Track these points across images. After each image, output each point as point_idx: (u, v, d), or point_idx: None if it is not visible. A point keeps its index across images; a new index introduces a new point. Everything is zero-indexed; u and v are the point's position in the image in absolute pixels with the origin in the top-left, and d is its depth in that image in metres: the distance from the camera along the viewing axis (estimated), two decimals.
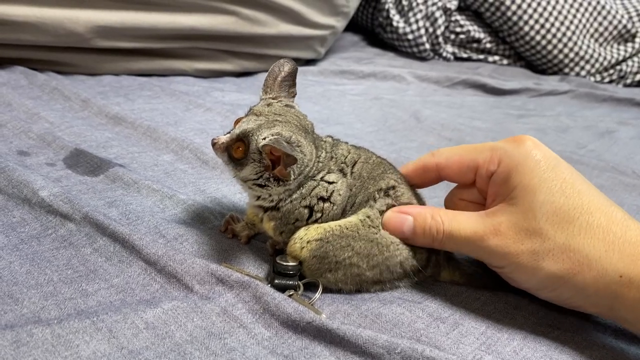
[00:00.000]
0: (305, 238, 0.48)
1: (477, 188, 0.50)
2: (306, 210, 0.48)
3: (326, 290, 0.48)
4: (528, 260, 0.44)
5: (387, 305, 0.47)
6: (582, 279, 0.42)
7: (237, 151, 0.48)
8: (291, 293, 0.46)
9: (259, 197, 0.50)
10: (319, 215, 0.48)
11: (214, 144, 0.49)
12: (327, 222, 0.48)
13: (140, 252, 0.49)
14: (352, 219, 0.48)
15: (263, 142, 0.46)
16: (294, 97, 0.53)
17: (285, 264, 0.47)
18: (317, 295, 0.47)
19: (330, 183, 0.48)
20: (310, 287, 0.48)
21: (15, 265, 0.47)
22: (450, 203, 0.53)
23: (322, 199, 0.48)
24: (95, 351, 0.38)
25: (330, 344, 0.41)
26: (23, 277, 0.46)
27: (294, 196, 0.48)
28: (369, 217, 0.48)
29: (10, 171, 0.59)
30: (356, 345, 0.41)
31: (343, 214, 0.49)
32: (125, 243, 0.50)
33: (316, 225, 0.48)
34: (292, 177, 0.47)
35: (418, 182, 0.53)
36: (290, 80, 0.52)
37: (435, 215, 0.48)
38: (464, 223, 0.47)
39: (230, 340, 0.41)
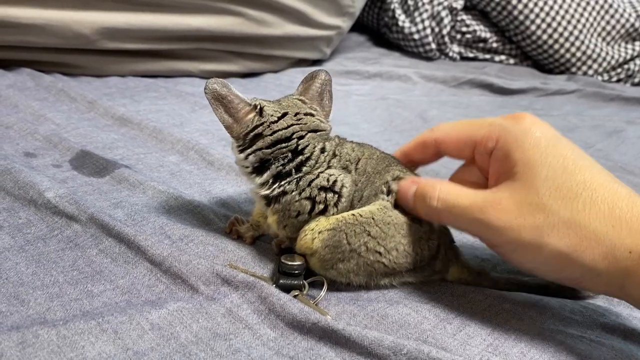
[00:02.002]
0: (317, 229, 0.47)
1: (478, 166, 0.49)
2: (308, 202, 0.48)
3: (332, 288, 0.48)
4: (531, 237, 0.42)
5: (394, 306, 0.47)
6: (591, 256, 0.41)
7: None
8: (296, 293, 0.46)
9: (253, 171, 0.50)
10: (322, 207, 0.48)
11: None
12: (335, 215, 0.48)
13: (146, 253, 0.49)
14: (366, 208, 0.48)
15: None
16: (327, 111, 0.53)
17: (290, 263, 0.47)
18: (322, 293, 0.47)
19: (330, 175, 0.48)
20: (316, 286, 0.48)
21: (21, 267, 0.47)
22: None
23: (324, 189, 0.48)
24: (101, 352, 0.38)
25: (336, 345, 0.41)
26: (29, 278, 0.46)
27: (288, 187, 0.48)
28: (384, 206, 0.48)
29: (16, 172, 0.59)
30: (362, 346, 0.40)
31: (351, 207, 0.49)
32: (131, 244, 0.50)
33: (327, 217, 0.48)
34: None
35: (418, 158, 0.52)
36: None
37: (436, 184, 0.47)
38: (463, 194, 0.46)
39: (236, 341, 0.41)
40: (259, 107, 0.49)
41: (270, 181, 0.49)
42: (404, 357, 0.40)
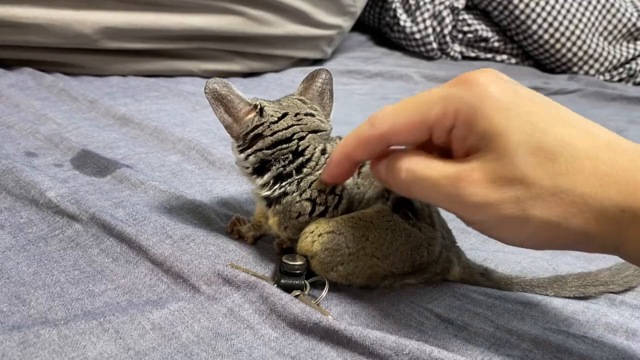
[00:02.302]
0: (317, 231, 0.47)
1: (439, 146, 0.42)
2: (308, 204, 0.48)
3: (334, 287, 0.48)
4: (513, 211, 0.37)
5: (395, 305, 0.47)
6: (582, 221, 0.37)
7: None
8: (298, 293, 0.46)
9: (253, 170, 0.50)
10: (322, 208, 0.48)
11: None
12: (334, 217, 0.48)
13: (147, 253, 0.49)
14: (367, 211, 0.47)
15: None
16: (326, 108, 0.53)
17: (291, 263, 0.47)
18: (323, 294, 0.47)
19: None
20: (317, 286, 0.48)
21: (22, 266, 0.47)
22: None
23: (324, 191, 0.48)
24: (102, 352, 0.38)
25: (338, 345, 0.41)
26: (30, 277, 0.46)
27: (289, 188, 0.48)
28: (384, 210, 0.48)
29: (17, 172, 0.59)
30: (364, 346, 0.40)
31: (351, 208, 0.49)
32: (132, 244, 0.50)
33: (327, 219, 0.48)
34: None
35: (364, 158, 0.44)
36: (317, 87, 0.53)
37: (404, 153, 0.42)
38: (434, 165, 0.40)
39: (237, 341, 0.41)
40: (259, 107, 0.49)
41: (271, 182, 0.49)
42: (405, 357, 0.39)
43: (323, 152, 0.49)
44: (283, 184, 0.48)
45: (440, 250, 0.49)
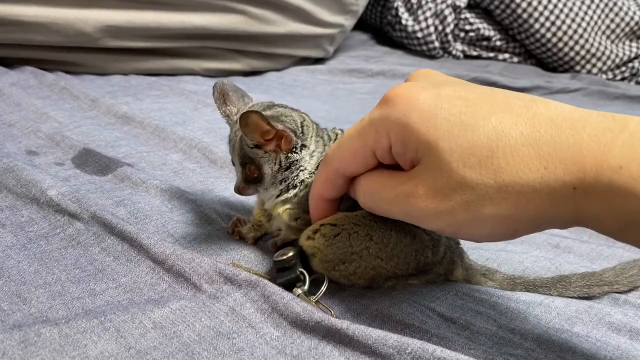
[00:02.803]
0: (319, 222, 0.47)
1: (391, 165, 0.43)
2: None
3: (335, 287, 0.47)
4: (465, 214, 0.37)
5: (398, 304, 0.47)
6: (534, 208, 0.36)
7: (251, 172, 0.48)
8: (299, 292, 0.45)
9: (287, 187, 0.49)
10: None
11: (239, 192, 0.50)
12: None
13: (148, 251, 0.48)
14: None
15: (245, 126, 0.45)
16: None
17: (280, 259, 0.46)
18: (323, 289, 0.46)
19: None
20: (318, 284, 0.48)
21: (23, 265, 0.47)
22: None
23: None
24: (103, 351, 0.38)
25: (340, 344, 0.41)
26: (31, 276, 0.46)
27: (309, 179, 0.48)
28: None
29: (19, 170, 0.59)
30: (366, 345, 0.40)
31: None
32: (133, 242, 0.49)
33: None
34: (296, 134, 0.47)
35: (334, 195, 0.46)
36: (239, 92, 0.53)
37: (361, 178, 0.43)
38: (385, 185, 0.41)
39: (239, 340, 0.41)
40: (299, 145, 0.48)
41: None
42: (408, 356, 0.39)
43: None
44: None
45: (444, 251, 0.49)
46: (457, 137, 0.37)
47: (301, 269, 0.47)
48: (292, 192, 0.48)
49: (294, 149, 0.47)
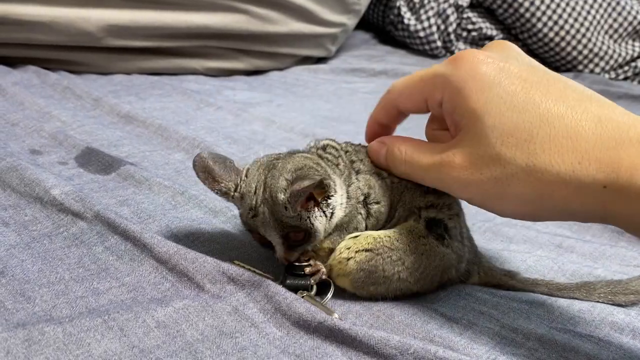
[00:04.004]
0: (354, 247, 0.45)
1: (438, 117, 0.46)
2: (360, 216, 0.47)
3: (338, 288, 0.47)
4: (493, 189, 0.40)
5: (400, 305, 0.47)
6: (560, 198, 0.38)
7: (297, 237, 0.45)
8: (304, 294, 0.46)
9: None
10: (372, 220, 0.48)
11: (286, 262, 0.47)
12: (374, 226, 0.48)
13: (152, 251, 0.48)
14: (401, 231, 0.47)
15: (284, 198, 0.43)
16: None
17: (298, 264, 0.47)
18: (329, 295, 0.46)
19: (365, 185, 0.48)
20: (322, 287, 0.48)
21: (27, 264, 0.47)
22: (428, 136, 0.49)
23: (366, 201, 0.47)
24: (107, 350, 0.38)
25: (342, 344, 0.41)
26: (35, 275, 0.46)
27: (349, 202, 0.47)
28: (416, 228, 0.47)
29: (22, 170, 0.59)
30: (368, 345, 0.40)
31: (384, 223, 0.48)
32: (137, 241, 0.50)
33: (364, 234, 0.46)
34: (331, 187, 0.45)
35: (386, 122, 0.50)
36: (220, 161, 0.47)
37: (400, 146, 0.46)
38: (423, 152, 0.44)
39: (242, 340, 0.41)
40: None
41: None
42: (410, 356, 0.39)
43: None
44: None
45: (465, 264, 0.50)
46: (503, 116, 0.39)
47: (312, 280, 0.46)
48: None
49: (330, 194, 0.45)
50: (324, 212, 0.45)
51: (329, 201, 0.45)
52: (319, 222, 0.45)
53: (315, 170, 0.45)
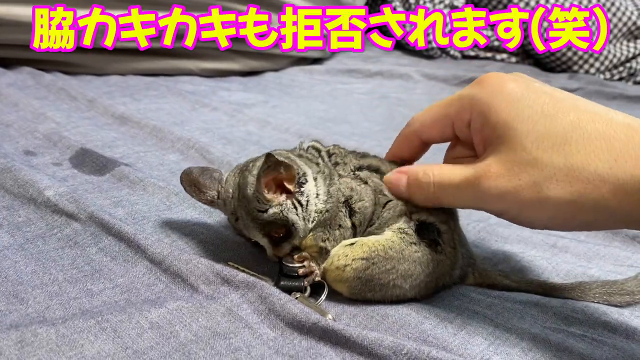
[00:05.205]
0: (351, 255, 0.46)
1: (463, 142, 0.48)
2: (341, 214, 0.47)
3: (331, 289, 0.48)
4: (531, 194, 0.40)
5: (394, 306, 0.47)
6: (599, 196, 0.38)
7: (277, 233, 0.46)
8: (297, 296, 0.46)
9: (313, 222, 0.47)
10: (359, 217, 0.47)
11: (278, 258, 0.48)
12: (362, 222, 0.48)
13: (146, 252, 0.48)
14: (389, 236, 0.47)
15: (251, 191, 0.44)
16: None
17: (291, 265, 0.47)
18: (323, 297, 0.46)
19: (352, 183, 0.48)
20: (316, 288, 0.48)
21: (20, 265, 0.47)
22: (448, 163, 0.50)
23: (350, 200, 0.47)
24: (100, 351, 0.38)
25: (336, 345, 0.41)
26: (28, 276, 0.46)
27: (329, 199, 0.47)
28: (405, 232, 0.47)
29: (16, 171, 0.59)
30: (362, 346, 0.40)
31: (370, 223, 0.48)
32: (131, 242, 0.49)
33: (359, 241, 0.46)
34: (298, 172, 0.46)
35: (407, 156, 0.51)
36: (205, 173, 0.50)
37: (426, 170, 0.46)
38: (455, 171, 0.44)
39: (236, 340, 0.41)
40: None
41: None
42: (404, 357, 0.39)
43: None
44: None
45: (460, 270, 0.50)
46: (535, 123, 0.40)
47: (305, 282, 0.46)
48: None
49: (300, 181, 0.46)
50: (298, 201, 0.46)
51: (302, 189, 0.46)
52: (294, 212, 0.46)
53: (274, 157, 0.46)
